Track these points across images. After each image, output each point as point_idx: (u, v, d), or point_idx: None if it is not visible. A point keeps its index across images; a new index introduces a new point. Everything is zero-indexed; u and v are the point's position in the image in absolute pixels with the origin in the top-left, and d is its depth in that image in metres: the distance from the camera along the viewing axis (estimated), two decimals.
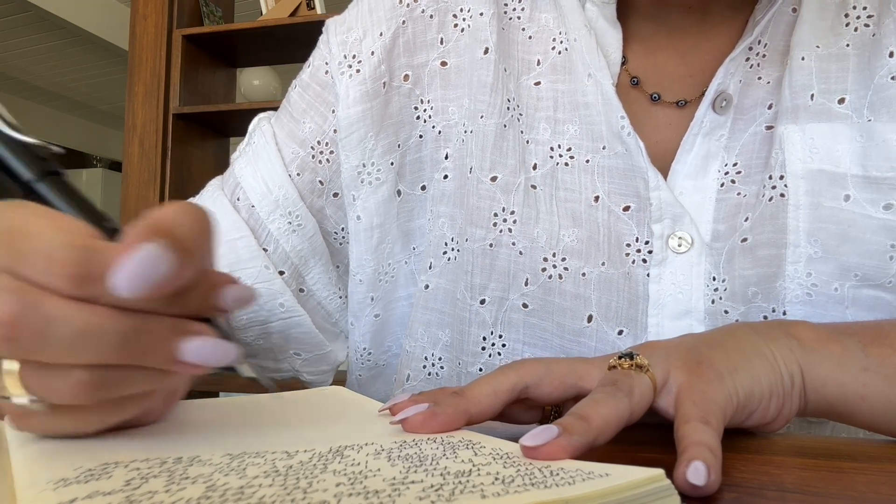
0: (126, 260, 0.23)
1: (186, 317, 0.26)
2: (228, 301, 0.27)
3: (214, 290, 0.27)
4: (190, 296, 0.26)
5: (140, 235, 0.23)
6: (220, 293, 0.27)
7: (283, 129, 0.55)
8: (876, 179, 0.42)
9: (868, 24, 0.45)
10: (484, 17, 0.51)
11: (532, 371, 0.33)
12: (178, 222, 0.24)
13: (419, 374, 0.52)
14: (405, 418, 0.29)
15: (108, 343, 0.23)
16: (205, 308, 0.27)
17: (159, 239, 0.23)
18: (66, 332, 0.23)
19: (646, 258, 0.45)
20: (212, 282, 0.27)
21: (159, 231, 0.24)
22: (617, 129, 0.46)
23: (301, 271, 0.54)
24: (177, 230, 0.24)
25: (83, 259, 0.23)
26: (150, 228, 0.24)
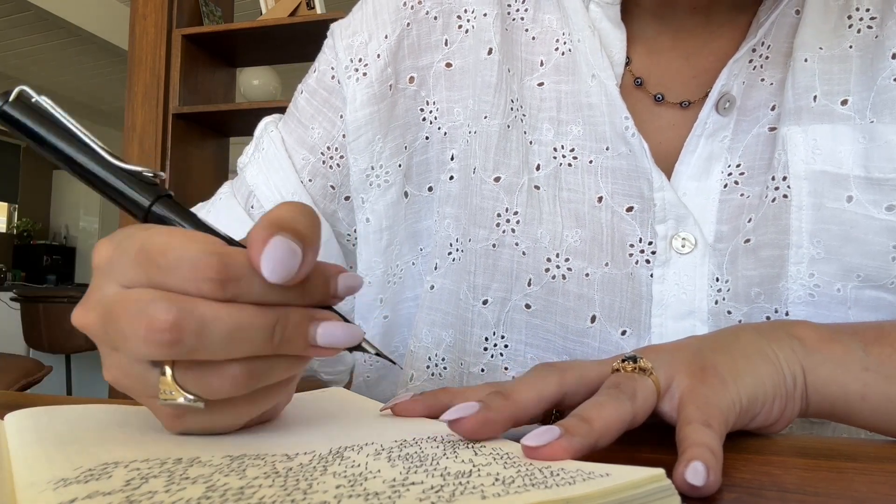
0: (267, 251, 0.25)
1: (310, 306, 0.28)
2: (341, 288, 0.29)
3: (328, 279, 0.29)
4: (310, 286, 0.28)
5: (268, 231, 0.26)
6: (334, 282, 0.29)
7: (292, 135, 0.55)
8: (878, 181, 0.42)
9: (871, 26, 0.45)
10: (488, 18, 0.51)
11: (570, 378, 0.32)
12: (296, 218, 0.27)
13: (423, 375, 0.52)
14: (456, 420, 0.28)
15: (256, 337, 0.26)
16: (322, 297, 0.29)
17: (285, 233, 0.26)
18: (221, 330, 0.25)
19: (649, 259, 0.45)
20: (325, 272, 0.29)
21: (283, 226, 0.26)
22: (621, 130, 0.46)
23: None
24: (297, 225, 0.26)
25: (224, 263, 0.25)
26: (275, 224, 0.26)
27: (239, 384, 0.26)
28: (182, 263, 0.25)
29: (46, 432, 0.28)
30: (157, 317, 0.24)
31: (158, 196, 0.29)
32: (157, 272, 0.25)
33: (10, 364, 2.58)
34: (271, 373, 0.28)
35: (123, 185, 0.29)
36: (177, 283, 0.25)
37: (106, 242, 0.28)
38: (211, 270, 0.25)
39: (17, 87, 0.29)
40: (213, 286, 0.25)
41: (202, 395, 0.27)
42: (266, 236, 0.25)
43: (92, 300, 0.27)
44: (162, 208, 0.29)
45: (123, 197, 0.29)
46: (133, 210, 0.29)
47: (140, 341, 0.25)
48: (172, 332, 0.24)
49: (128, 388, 0.28)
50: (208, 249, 0.25)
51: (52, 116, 0.29)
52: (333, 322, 0.28)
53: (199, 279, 0.25)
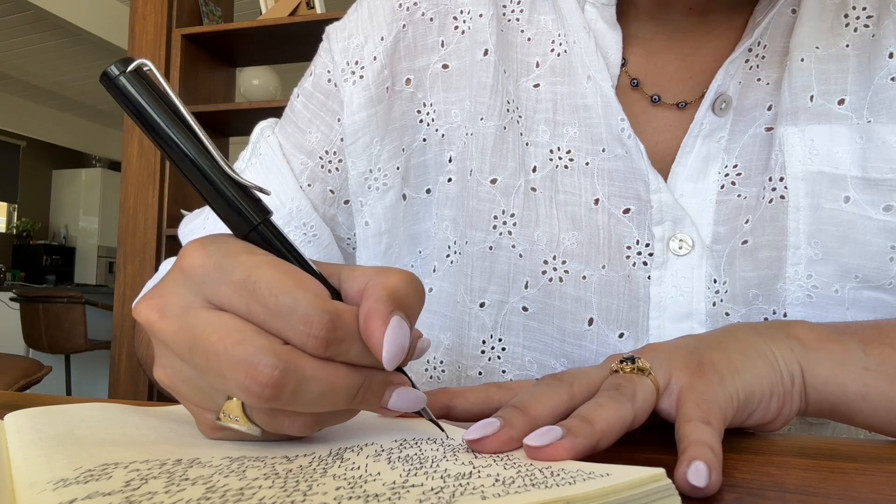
0: (389, 336, 0.25)
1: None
2: (417, 353, 0.30)
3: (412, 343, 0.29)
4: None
5: (387, 307, 0.26)
6: (413, 347, 0.29)
7: (289, 140, 0.54)
8: (876, 181, 0.42)
9: (868, 25, 0.45)
10: (483, 19, 0.51)
11: (580, 390, 0.32)
12: (410, 294, 0.27)
13: (421, 377, 0.52)
14: (479, 440, 0.28)
15: (341, 397, 0.26)
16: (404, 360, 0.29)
17: (401, 311, 0.26)
18: (315, 390, 0.25)
19: (646, 261, 0.45)
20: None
21: (398, 303, 0.26)
22: (617, 132, 0.46)
23: None
24: (410, 302, 0.27)
25: (334, 324, 0.25)
26: (393, 300, 0.26)
27: (306, 428, 0.27)
28: (293, 314, 0.25)
29: (46, 432, 0.28)
30: (262, 371, 0.24)
31: (265, 217, 0.28)
32: (261, 310, 0.25)
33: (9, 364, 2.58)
34: (336, 419, 0.29)
35: (233, 197, 0.27)
36: (279, 330, 0.25)
37: (200, 250, 0.27)
38: (322, 329, 0.25)
39: (138, 59, 0.27)
40: (319, 345, 0.25)
41: (267, 429, 0.27)
42: (386, 314, 0.25)
43: (172, 305, 0.27)
44: (266, 230, 0.28)
45: (229, 208, 0.27)
46: (235, 223, 0.28)
47: (237, 386, 0.24)
48: (274, 388, 0.24)
49: (180, 393, 0.28)
50: (320, 305, 0.25)
51: (171, 102, 0.27)
52: (405, 389, 0.28)
53: (311, 336, 0.25)
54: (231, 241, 0.28)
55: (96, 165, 7.83)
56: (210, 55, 2.51)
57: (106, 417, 0.32)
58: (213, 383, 0.26)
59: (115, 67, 0.27)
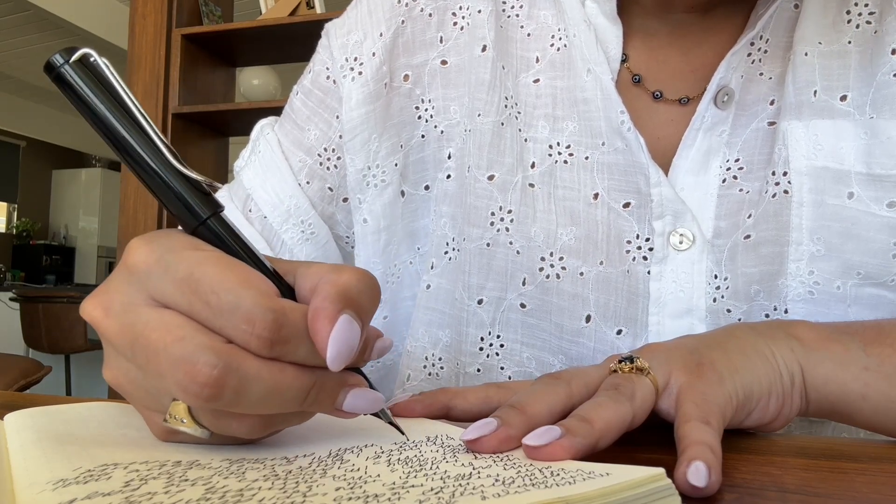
0: (335, 334, 0.24)
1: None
2: (374, 354, 0.29)
3: (368, 343, 0.28)
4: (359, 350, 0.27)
5: (336, 305, 0.25)
6: (370, 348, 0.29)
7: (288, 137, 0.54)
8: (880, 177, 0.42)
9: (870, 21, 0.45)
10: (482, 15, 0.51)
11: (577, 388, 0.32)
12: (362, 292, 0.26)
13: (419, 374, 0.52)
14: (476, 440, 0.27)
15: (290, 398, 0.25)
16: (358, 360, 0.28)
17: (351, 310, 0.25)
18: (259, 391, 0.24)
19: (646, 255, 0.45)
20: (366, 338, 0.28)
21: (349, 301, 0.25)
22: (616, 125, 0.46)
23: None
24: (362, 300, 0.26)
25: (279, 323, 0.24)
26: (343, 298, 0.25)
27: (255, 431, 0.26)
28: (235, 313, 0.24)
29: (46, 433, 0.28)
30: (202, 370, 0.23)
31: (214, 212, 0.27)
32: (203, 308, 0.24)
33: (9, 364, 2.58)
34: (288, 422, 0.28)
35: (181, 190, 0.27)
36: (222, 328, 0.24)
37: (145, 246, 0.26)
38: (265, 329, 0.24)
39: (83, 48, 0.26)
40: (262, 344, 0.24)
41: (214, 431, 0.26)
42: (333, 312, 0.25)
43: (116, 302, 0.26)
44: (216, 225, 0.27)
45: (176, 203, 0.27)
46: (183, 218, 0.27)
47: (176, 385, 0.24)
48: (214, 388, 0.23)
49: (129, 394, 0.27)
50: (265, 303, 0.24)
51: (116, 93, 0.26)
52: (361, 390, 0.27)
53: (254, 335, 0.24)
54: (178, 236, 0.27)
55: (96, 165, 7.83)
56: (210, 55, 2.51)
57: (106, 418, 0.32)
58: (155, 383, 0.25)
59: (59, 57, 0.26)
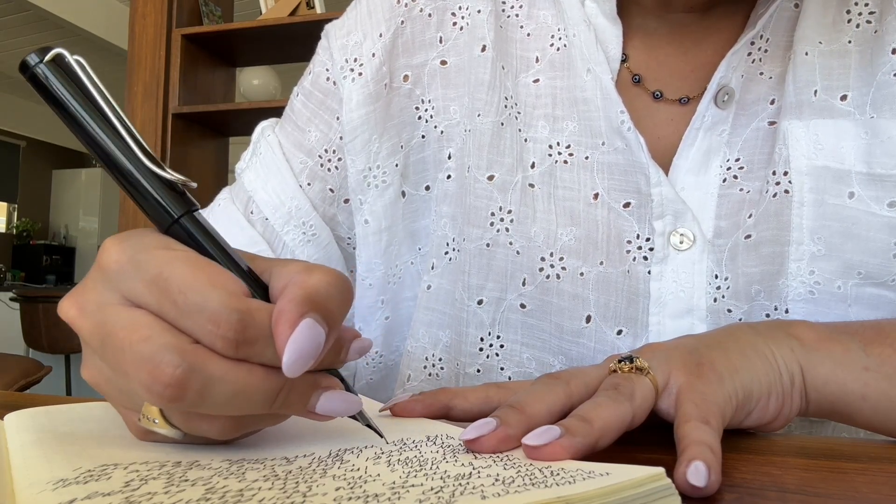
0: (294, 339, 0.24)
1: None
2: (351, 355, 0.28)
3: (342, 344, 0.28)
4: (325, 353, 0.26)
5: (300, 308, 0.24)
6: (346, 349, 0.28)
7: (289, 139, 0.54)
8: (880, 177, 0.42)
9: (870, 21, 0.45)
10: (481, 15, 0.51)
11: (576, 388, 0.32)
12: (331, 294, 0.26)
13: (420, 375, 0.52)
14: (475, 440, 0.27)
15: (258, 400, 0.25)
16: (331, 363, 0.28)
17: (316, 314, 0.24)
18: (225, 392, 0.24)
19: (647, 255, 0.45)
20: (341, 338, 0.28)
21: (314, 304, 0.25)
22: (616, 125, 0.46)
23: None
24: (329, 304, 0.25)
25: (244, 324, 0.24)
26: (307, 301, 0.25)
27: (225, 432, 0.26)
28: (201, 313, 0.24)
29: (46, 433, 0.28)
30: (164, 370, 0.23)
31: (187, 210, 0.27)
32: (170, 308, 0.24)
33: (9, 364, 2.58)
34: (260, 424, 0.28)
35: (152, 189, 0.26)
36: (189, 329, 0.24)
37: (117, 246, 0.26)
38: (230, 330, 0.24)
39: (55, 48, 0.26)
40: (228, 345, 0.24)
41: (186, 431, 0.26)
42: (296, 315, 0.24)
43: (90, 301, 0.26)
44: (188, 224, 0.27)
45: (148, 201, 0.27)
46: (155, 217, 0.27)
47: (140, 385, 0.24)
48: (176, 388, 0.23)
49: (106, 393, 0.27)
50: (231, 304, 0.24)
51: (88, 92, 0.26)
52: (335, 392, 0.27)
53: (218, 336, 0.24)
54: (150, 235, 0.27)
55: (96, 165, 7.82)
56: (210, 55, 2.51)
57: (106, 418, 0.32)
58: (126, 383, 0.25)
59: (34, 56, 0.26)
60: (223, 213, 0.54)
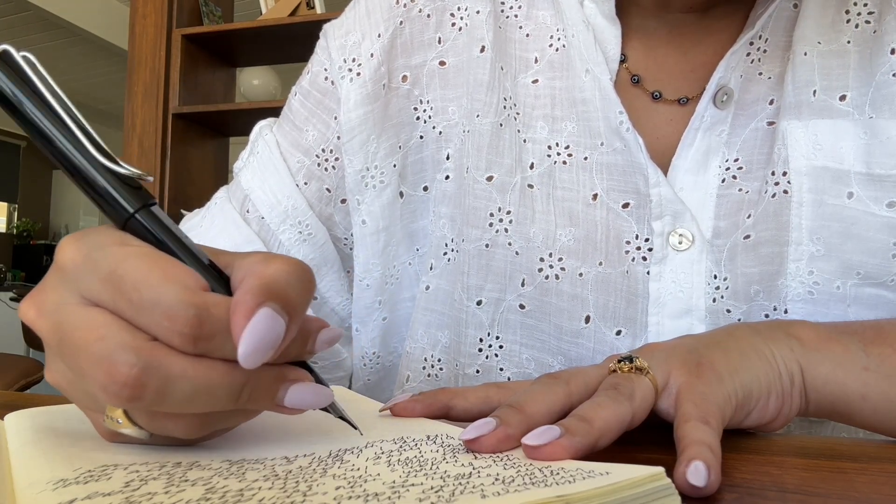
0: (250, 328, 0.23)
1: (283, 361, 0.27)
2: (319, 345, 0.28)
3: (308, 337, 0.27)
4: (290, 345, 0.26)
5: (257, 298, 0.24)
6: (313, 340, 0.28)
7: (287, 138, 0.54)
8: (880, 177, 0.42)
9: (869, 21, 0.45)
10: (480, 16, 0.51)
11: (576, 388, 0.32)
12: (290, 283, 0.25)
13: (419, 376, 0.52)
14: (475, 439, 0.27)
15: (221, 396, 0.24)
16: (298, 354, 0.27)
17: (274, 303, 0.24)
18: (185, 389, 0.24)
19: (646, 256, 0.45)
20: (307, 328, 0.27)
21: (273, 293, 0.24)
22: (615, 125, 0.46)
23: None
24: (289, 292, 0.25)
25: (200, 319, 0.23)
26: (264, 291, 0.24)
27: (191, 430, 0.25)
28: (156, 309, 0.23)
29: (46, 433, 0.28)
30: (120, 369, 0.22)
31: (143, 205, 0.26)
32: (126, 305, 0.24)
33: (9, 364, 2.58)
34: (228, 421, 0.27)
35: (105, 185, 0.26)
36: (145, 325, 0.24)
37: (73, 244, 0.26)
38: (186, 325, 0.23)
39: (2, 45, 0.26)
40: (185, 341, 0.23)
41: (151, 431, 0.26)
42: (252, 306, 0.23)
43: (48, 302, 0.26)
44: (144, 219, 0.26)
45: (103, 198, 0.26)
46: (111, 214, 0.26)
47: (97, 385, 0.23)
48: (134, 387, 0.23)
49: (69, 395, 0.27)
50: (186, 299, 0.23)
51: (37, 89, 0.26)
52: (304, 385, 0.26)
53: (175, 332, 0.23)
54: (107, 232, 0.26)
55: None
56: (210, 55, 2.51)
57: None
58: (84, 384, 0.25)
59: None
60: (219, 211, 0.54)
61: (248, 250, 0.51)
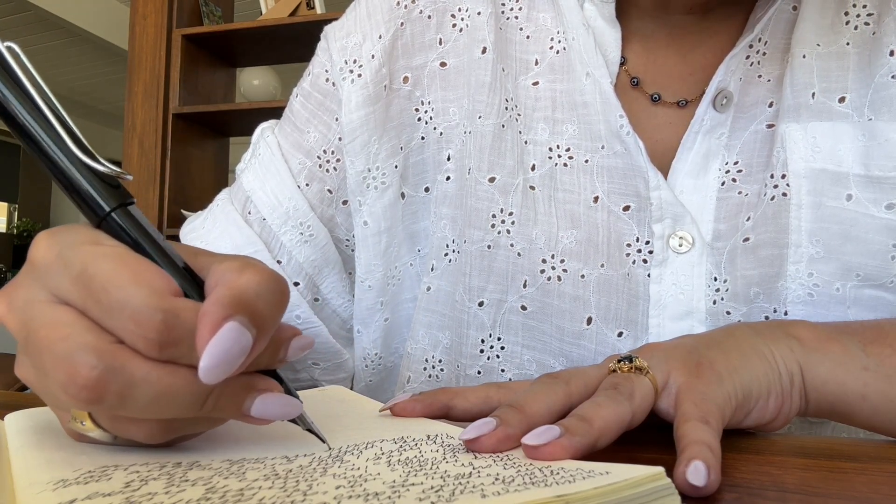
0: (213, 344, 0.22)
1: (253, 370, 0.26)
2: (291, 354, 0.27)
3: (281, 344, 0.27)
4: (260, 354, 0.25)
5: (225, 310, 0.23)
6: (285, 348, 0.27)
7: (288, 140, 0.54)
8: (878, 179, 0.42)
9: (868, 23, 0.45)
10: (482, 17, 0.51)
11: (576, 388, 0.32)
12: (261, 295, 0.24)
13: (420, 377, 0.52)
14: (475, 439, 0.27)
15: (185, 403, 0.24)
16: (269, 363, 0.27)
17: (242, 317, 0.23)
18: (147, 394, 0.23)
19: (646, 258, 0.45)
20: (279, 337, 0.27)
21: (241, 305, 0.23)
22: (616, 129, 0.46)
23: (315, 281, 0.54)
24: (259, 305, 0.24)
25: (166, 325, 0.23)
26: (233, 303, 0.23)
27: (155, 436, 0.25)
28: (123, 311, 0.23)
29: (46, 433, 0.28)
30: (80, 371, 0.22)
31: (120, 204, 0.26)
32: (94, 306, 0.23)
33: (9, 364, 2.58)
34: (193, 428, 0.27)
35: (82, 182, 0.25)
36: (112, 327, 0.23)
37: (47, 240, 0.25)
38: (152, 330, 0.23)
39: None
40: (150, 346, 0.23)
41: (114, 433, 0.25)
42: (219, 318, 0.23)
43: (18, 299, 0.25)
44: (120, 219, 0.26)
45: (79, 195, 0.25)
46: (87, 212, 0.26)
47: (58, 386, 0.23)
48: (93, 390, 0.22)
49: (38, 392, 0.26)
50: (154, 303, 0.23)
51: (19, 80, 0.25)
52: (272, 395, 0.26)
53: (141, 336, 0.23)
54: (82, 230, 0.26)
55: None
56: (210, 55, 2.51)
57: None
58: (46, 381, 0.24)
59: None
60: (221, 212, 0.54)
61: (249, 252, 0.51)
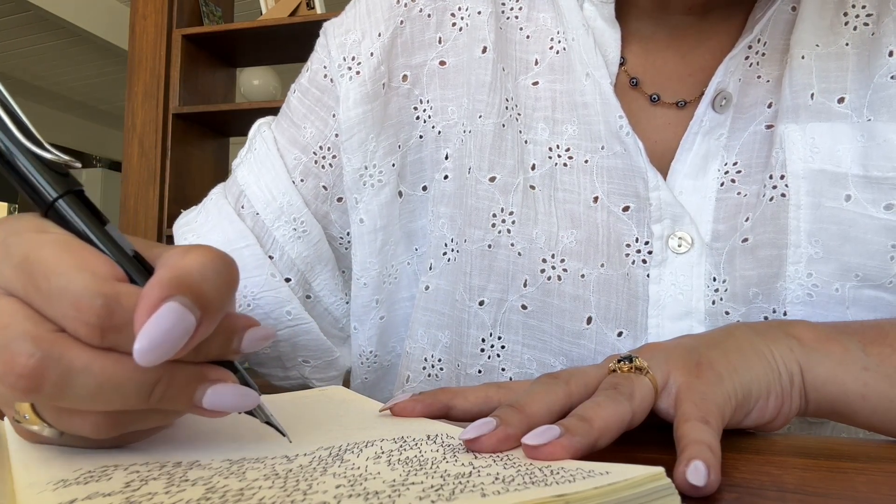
0: (150, 324, 0.22)
1: (207, 360, 0.26)
2: (245, 345, 0.27)
3: (234, 334, 0.26)
4: (211, 342, 0.25)
5: (164, 290, 0.22)
6: (238, 338, 0.26)
7: (284, 135, 0.54)
8: (877, 179, 0.42)
9: (867, 23, 0.45)
10: (482, 16, 0.51)
11: (576, 388, 0.32)
12: (206, 276, 0.24)
13: (419, 376, 0.52)
14: (475, 439, 0.27)
15: (130, 393, 0.23)
16: (220, 353, 0.26)
17: (183, 297, 0.23)
18: (88, 383, 0.23)
19: (646, 259, 0.45)
20: (232, 326, 0.26)
21: (184, 286, 0.23)
22: (615, 129, 0.46)
23: (307, 278, 0.54)
24: (203, 286, 0.23)
25: (108, 309, 0.22)
26: (174, 283, 0.23)
27: (101, 431, 0.24)
28: (63, 297, 0.22)
29: None
30: (18, 360, 0.22)
31: (67, 191, 0.25)
32: (35, 294, 0.23)
33: None
34: (144, 422, 0.26)
35: (26, 169, 0.25)
36: (53, 315, 0.23)
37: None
38: (92, 315, 0.22)
39: None
40: (91, 332, 0.22)
41: (59, 428, 0.25)
42: (157, 298, 0.22)
43: None
44: (67, 206, 0.25)
45: (26, 182, 0.25)
46: (35, 200, 0.25)
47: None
48: (31, 378, 0.22)
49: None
50: (94, 288, 0.22)
51: None
52: (225, 386, 0.25)
53: (80, 322, 0.22)
54: (27, 219, 0.25)
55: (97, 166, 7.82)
56: (210, 55, 2.51)
57: None
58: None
59: None
60: (214, 206, 0.54)
61: (240, 245, 0.51)
